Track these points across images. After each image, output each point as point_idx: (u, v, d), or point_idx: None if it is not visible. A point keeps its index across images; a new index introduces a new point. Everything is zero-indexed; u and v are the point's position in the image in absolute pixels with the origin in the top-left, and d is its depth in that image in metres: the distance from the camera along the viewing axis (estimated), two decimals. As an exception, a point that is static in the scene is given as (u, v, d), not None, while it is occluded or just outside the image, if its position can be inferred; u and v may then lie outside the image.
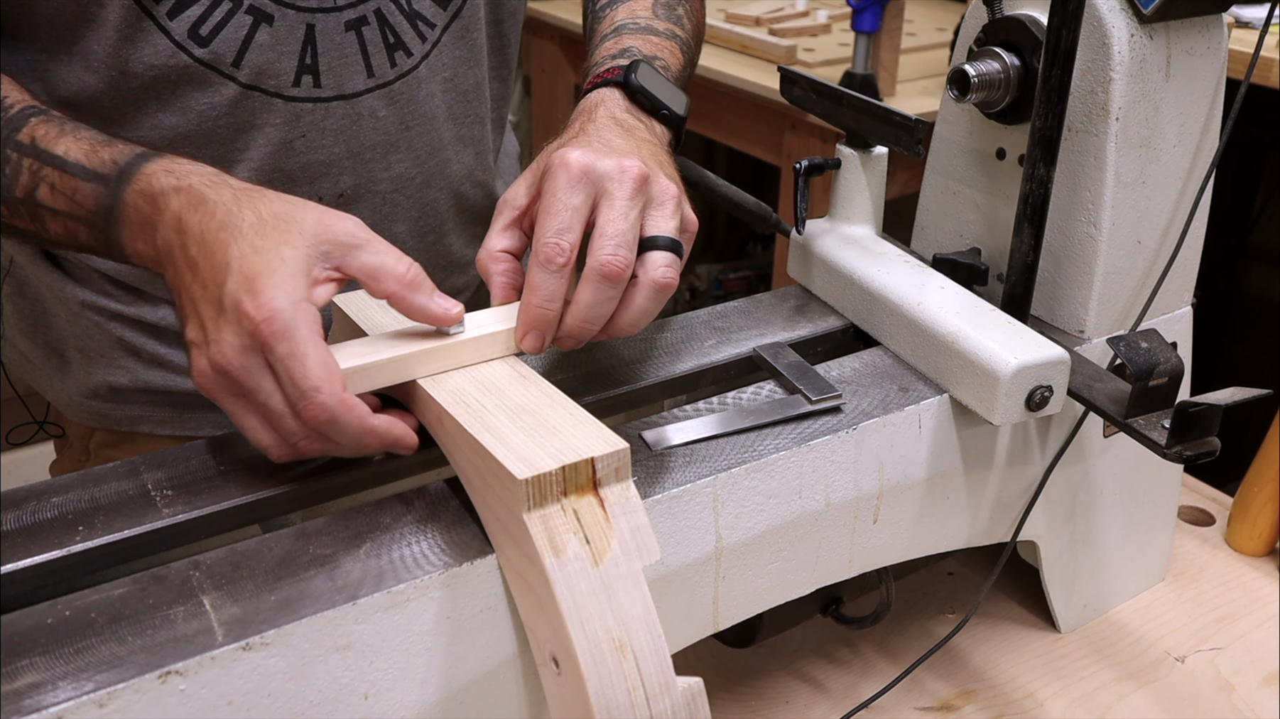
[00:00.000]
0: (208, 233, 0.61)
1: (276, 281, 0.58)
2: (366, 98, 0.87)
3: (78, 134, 0.69)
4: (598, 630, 0.53)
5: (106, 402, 0.94)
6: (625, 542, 0.56)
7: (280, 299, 0.57)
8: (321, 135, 0.86)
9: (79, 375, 0.95)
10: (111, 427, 0.96)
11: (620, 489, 0.57)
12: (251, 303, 0.57)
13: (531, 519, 0.55)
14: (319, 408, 0.57)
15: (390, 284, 0.61)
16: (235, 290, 0.58)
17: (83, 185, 0.67)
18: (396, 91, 0.88)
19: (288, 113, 0.84)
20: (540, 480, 0.55)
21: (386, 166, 0.90)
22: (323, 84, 0.85)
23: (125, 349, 0.92)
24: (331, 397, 0.57)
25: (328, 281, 0.60)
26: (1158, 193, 0.79)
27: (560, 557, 0.54)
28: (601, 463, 0.56)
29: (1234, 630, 0.92)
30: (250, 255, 0.59)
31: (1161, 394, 0.68)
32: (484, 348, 0.66)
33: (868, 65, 1.78)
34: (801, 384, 0.73)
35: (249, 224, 0.60)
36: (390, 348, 0.63)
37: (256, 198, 0.62)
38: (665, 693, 0.54)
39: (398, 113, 0.89)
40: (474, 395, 0.62)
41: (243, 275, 0.58)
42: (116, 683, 0.49)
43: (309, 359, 0.57)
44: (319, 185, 0.88)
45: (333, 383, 0.57)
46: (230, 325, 0.58)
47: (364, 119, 0.88)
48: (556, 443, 0.57)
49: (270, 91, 0.83)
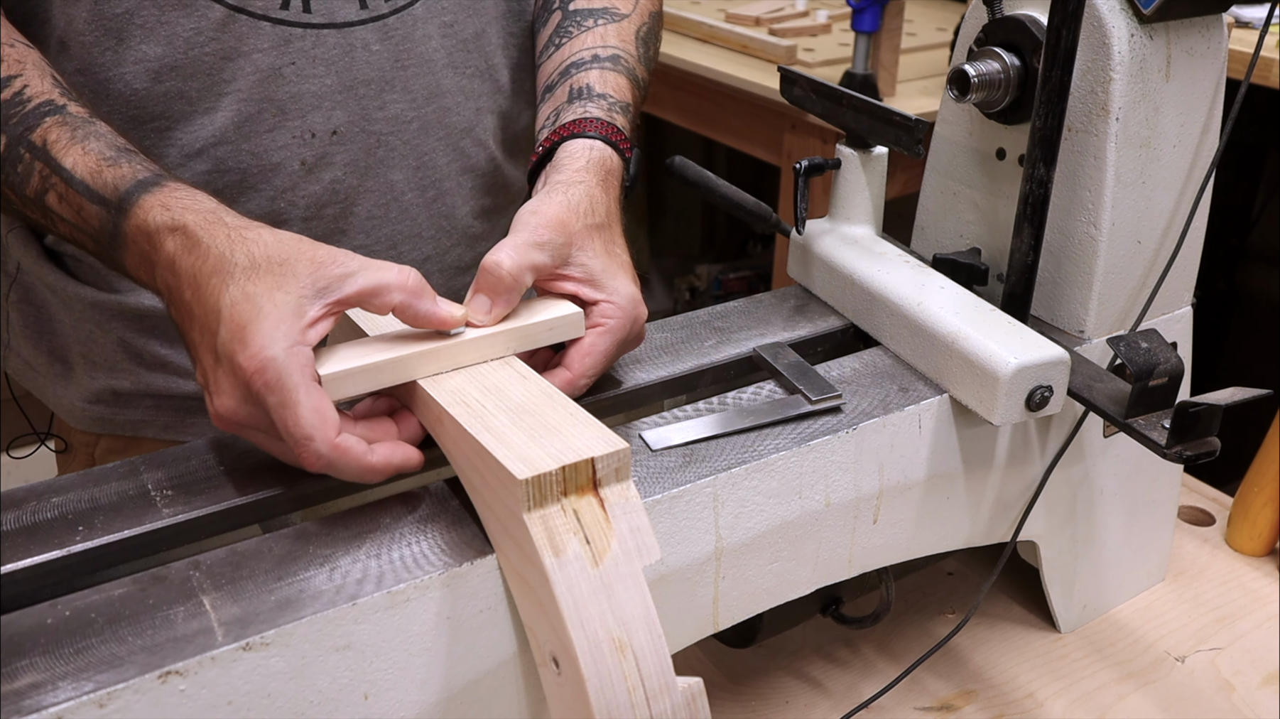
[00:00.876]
0: (200, 277, 0.61)
1: (266, 329, 0.58)
2: (359, 29, 0.85)
3: (86, 145, 0.69)
4: (598, 630, 0.53)
5: (110, 406, 0.94)
6: (625, 542, 0.56)
7: (271, 348, 0.57)
8: (313, 64, 0.84)
9: (83, 380, 0.94)
10: (115, 432, 0.95)
11: (620, 489, 0.57)
12: (243, 353, 0.58)
13: (532, 519, 0.55)
14: (313, 455, 0.58)
15: (395, 296, 0.61)
16: (227, 340, 0.59)
17: (87, 205, 0.67)
18: (391, 27, 0.86)
19: (276, 37, 0.82)
20: (540, 480, 0.55)
21: (381, 105, 0.88)
22: (312, 9, 0.83)
23: (128, 353, 0.92)
24: (324, 444, 0.58)
25: (324, 318, 0.60)
26: (1158, 193, 0.79)
27: (560, 557, 0.54)
28: (601, 463, 0.56)
29: (1234, 630, 0.92)
30: (241, 302, 0.59)
31: (1161, 394, 0.68)
32: (484, 348, 0.66)
33: (868, 65, 1.78)
34: (801, 384, 0.73)
35: (241, 267, 0.60)
36: (390, 349, 0.63)
37: (251, 239, 0.61)
38: (665, 693, 0.54)
39: (392, 49, 0.87)
40: (474, 396, 0.62)
41: (234, 324, 0.59)
42: (116, 683, 0.49)
43: (300, 408, 0.57)
44: (310, 119, 0.85)
45: (325, 430, 0.58)
46: (227, 376, 0.59)
47: (357, 51, 0.85)
48: (556, 443, 0.57)
49: (257, 14, 0.81)
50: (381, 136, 0.89)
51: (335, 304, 0.60)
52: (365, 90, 0.87)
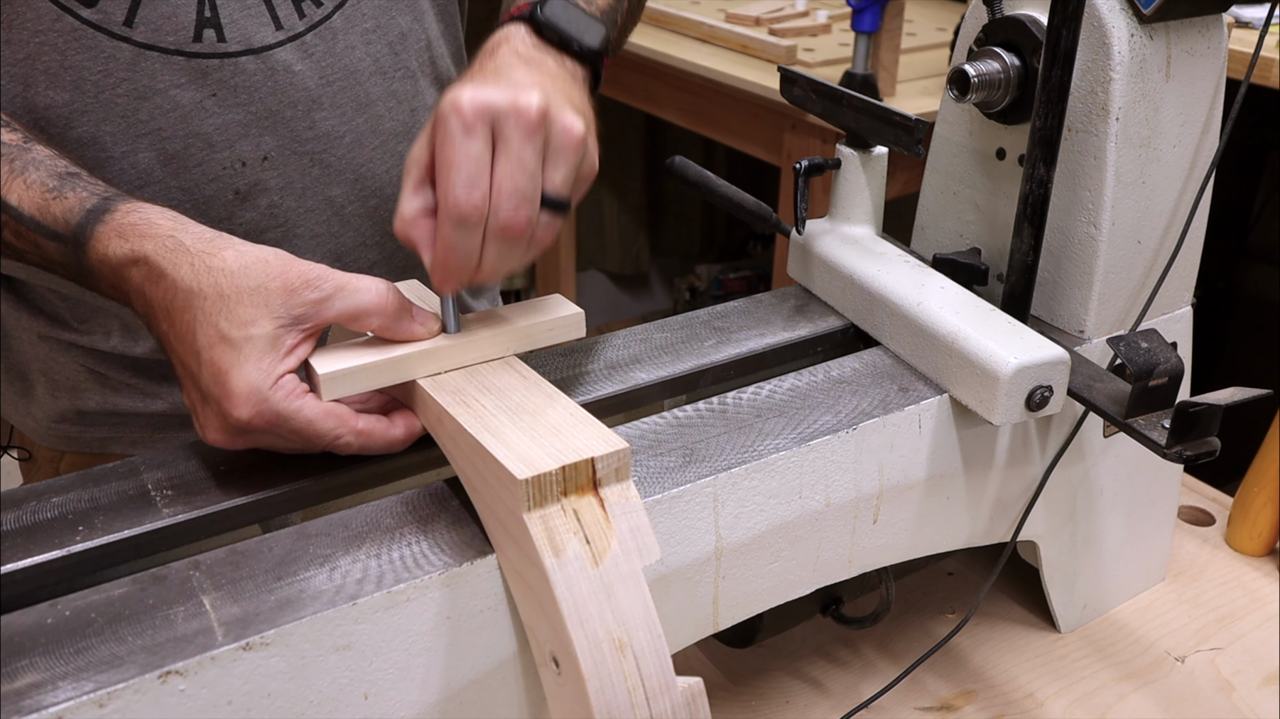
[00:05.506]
0: (173, 311, 0.60)
1: (248, 373, 0.58)
2: (278, 52, 0.80)
3: (27, 178, 0.66)
4: (598, 630, 0.53)
5: (75, 425, 0.92)
6: (625, 541, 0.56)
7: (258, 393, 0.58)
8: (234, 94, 0.80)
9: (44, 400, 0.92)
10: (82, 449, 0.93)
11: (620, 489, 0.57)
12: (229, 403, 0.58)
13: (531, 519, 0.55)
14: (344, 448, 0.62)
15: (374, 321, 0.62)
16: (210, 385, 0.59)
17: (43, 241, 0.65)
18: (310, 44, 0.82)
19: (192, 71, 0.78)
20: (540, 480, 0.55)
21: (310, 125, 0.84)
22: (227, 38, 0.78)
23: (92, 376, 0.90)
24: (351, 435, 0.62)
25: (303, 343, 0.61)
26: (1158, 193, 0.79)
27: (560, 557, 0.54)
28: (602, 463, 0.56)
29: (1234, 630, 0.92)
30: (217, 345, 0.59)
31: (1161, 394, 0.68)
32: (484, 347, 0.66)
33: (868, 65, 1.78)
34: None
35: (211, 301, 0.59)
36: (390, 348, 0.63)
37: (217, 268, 0.59)
38: (665, 693, 0.54)
39: (315, 67, 0.83)
40: (474, 395, 0.62)
41: (214, 370, 0.59)
42: (116, 683, 0.49)
43: (314, 424, 0.60)
44: (239, 148, 0.81)
45: (345, 425, 0.61)
46: (216, 417, 0.60)
47: (279, 74, 0.81)
48: (556, 443, 0.57)
49: (169, 49, 0.77)
50: (315, 155, 0.85)
51: (314, 329, 0.61)
52: (292, 113, 0.83)
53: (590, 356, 0.77)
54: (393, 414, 0.64)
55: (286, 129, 0.83)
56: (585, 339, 0.73)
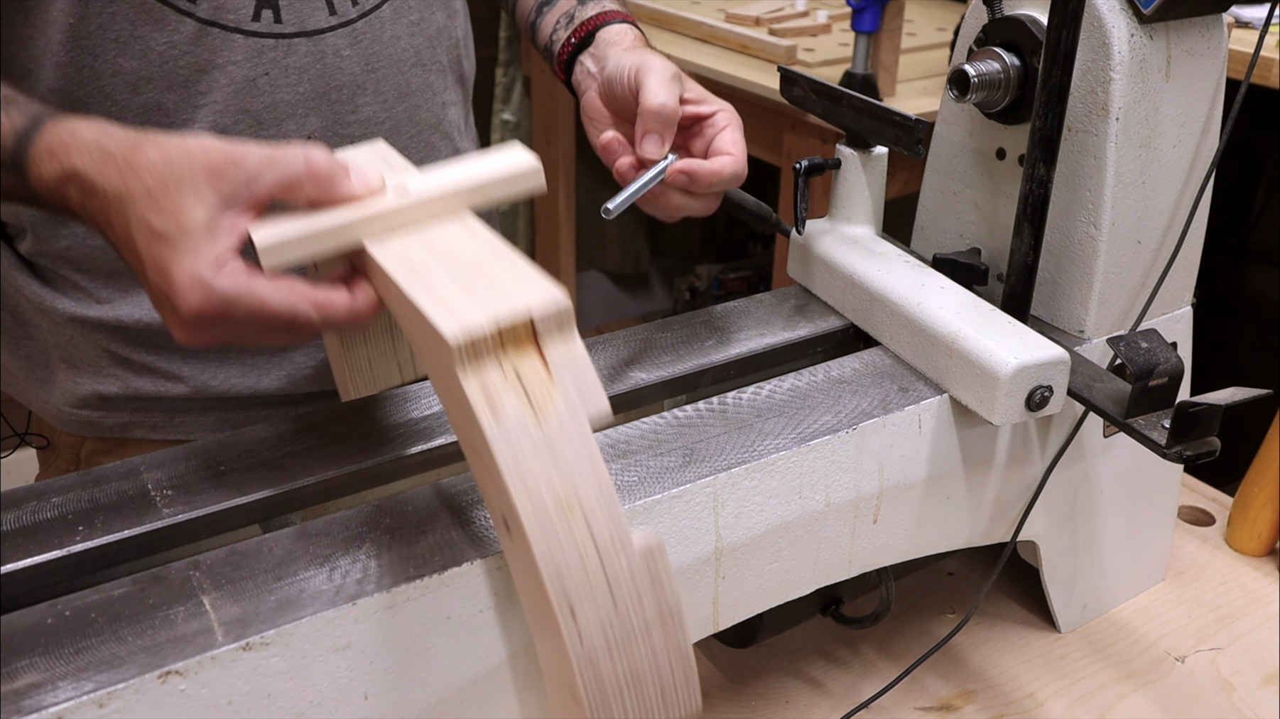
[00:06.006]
0: (112, 220, 0.60)
1: (186, 263, 0.57)
2: (330, 36, 0.86)
3: None
4: (542, 490, 0.51)
5: (96, 410, 0.93)
6: (571, 398, 0.53)
7: (199, 282, 0.57)
8: (286, 74, 0.85)
9: (65, 386, 0.93)
10: (102, 434, 0.94)
11: (564, 346, 0.54)
12: (176, 296, 0.57)
13: (468, 380, 0.52)
14: (306, 327, 0.58)
15: (307, 188, 0.60)
16: (158, 283, 0.58)
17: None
18: (360, 31, 0.88)
19: (249, 49, 0.83)
20: (474, 339, 0.52)
21: (354, 109, 0.89)
22: (283, 19, 0.84)
23: (114, 359, 0.91)
24: (309, 309, 0.58)
25: (240, 221, 0.59)
26: (1158, 193, 0.79)
27: (499, 417, 0.51)
28: (541, 318, 0.53)
29: (1234, 630, 0.92)
30: (154, 242, 0.58)
31: (1161, 394, 0.68)
32: (434, 205, 0.62)
33: (868, 65, 1.78)
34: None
35: (141, 202, 0.58)
36: (333, 211, 0.60)
37: (140, 166, 0.59)
38: (619, 551, 0.52)
39: (362, 54, 0.88)
40: (420, 255, 0.58)
41: (156, 268, 0.58)
42: (116, 683, 0.49)
43: (267, 304, 0.57)
44: (285, 127, 0.86)
45: (300, 298, 0.57)
46: (171, 315, 0.59)
47: (328, 58, 0.86)
48: (495, 300, 0.54)
49: (229, 26, 0.81)
50: (356, 139, 0.89)
51: (248, 208, 0.59)
52: (338, 96, 0.88)
53: (590, 357, 0.77)
54: (352, 284, 0.61)
55: (331, 111, 0.88)
56: (585, 339, 0.73)
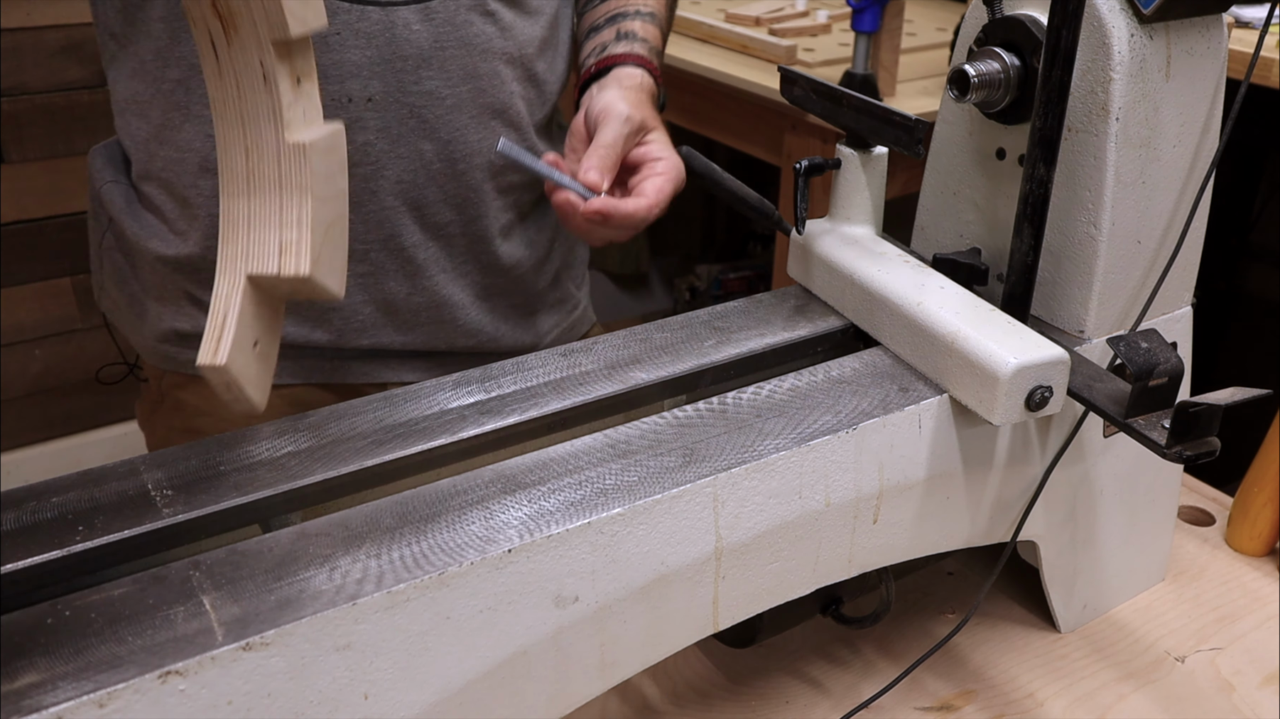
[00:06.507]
0: None
1: None
2: (403, 10, 0.91)
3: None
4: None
5: (174, 345, 1.04)
6: None
7: None
8: (355, 36, 0.90)
9: (153, 321, 1.04)
10: (178, 369, 1.04)
11: None
12: None
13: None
14: None
15: None
16: None
17: None
18: (434, 9, 0.92)
19: (326, 9, 0.87)
20: None
21: (417, 80, 0.94)
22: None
23: (189, 299, 1.01)
24: None
25: None
26: (1158, 193, 0.79)
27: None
28: None
29: (1234, 630, 0.92)
30: None
31: (1161, 394, 0.68)
32: None
33: (868, 65, 1.78)
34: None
35: None
36: None
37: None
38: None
39: (433, 30, 0.92)
40: None
41: None
42: (116, 683, 0.49)
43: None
44: (348, 85, 0.91)
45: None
46: None
47: (398, 29, 0.91)
48: None
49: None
50: (415, 109, 0.94)
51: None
52: (403, 65, 0.92)
53: (590, 357, 0.77)
54: None
55: (395, 79, 0.93)
56: (585, 339, 0.73)
